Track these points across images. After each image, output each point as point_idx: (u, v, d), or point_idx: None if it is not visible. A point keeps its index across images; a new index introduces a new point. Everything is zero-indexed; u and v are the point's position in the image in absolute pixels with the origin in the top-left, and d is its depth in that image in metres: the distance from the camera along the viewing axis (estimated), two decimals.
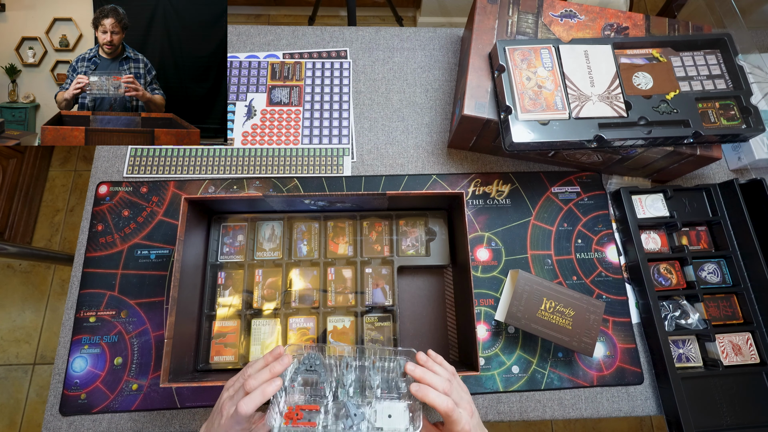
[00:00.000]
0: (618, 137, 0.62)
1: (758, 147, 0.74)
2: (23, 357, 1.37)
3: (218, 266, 0.66)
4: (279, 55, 0.83)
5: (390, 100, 0.81)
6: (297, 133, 0.77)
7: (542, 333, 0.61)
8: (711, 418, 0.62)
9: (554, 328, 0.61)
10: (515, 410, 0.64)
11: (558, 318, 0.61)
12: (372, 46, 0.84)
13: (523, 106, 0.63)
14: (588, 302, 0.62)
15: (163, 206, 0.72)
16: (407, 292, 0.68)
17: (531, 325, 0.62)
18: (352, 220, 0.69)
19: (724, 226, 0.71)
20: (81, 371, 0.63)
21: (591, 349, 0.61)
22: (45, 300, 1.42)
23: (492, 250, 0.71)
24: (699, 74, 0.67)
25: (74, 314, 0.66)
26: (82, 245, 0.69)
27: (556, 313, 0.62)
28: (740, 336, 0.66)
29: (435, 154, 0.77)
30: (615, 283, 0.70)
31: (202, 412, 0.63)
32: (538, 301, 0.62)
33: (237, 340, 0.63)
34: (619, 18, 0.72)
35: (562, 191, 0.75)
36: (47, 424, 0.61)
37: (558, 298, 0.62)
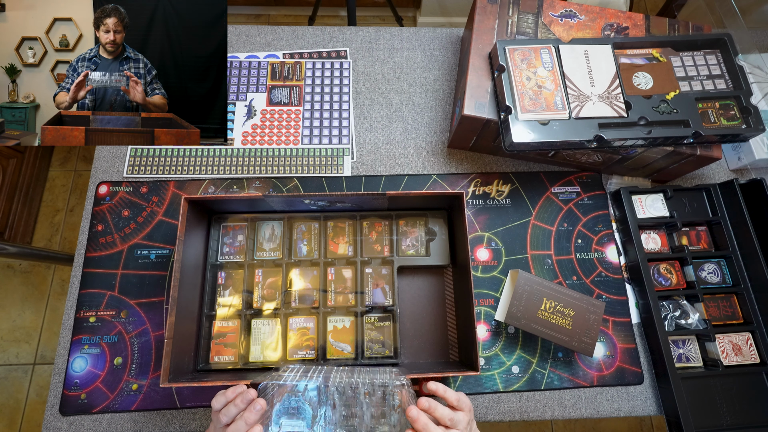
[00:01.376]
0: (618, 137, 0.62)
1: (758, 147, 0.74)
2: (23, 357, 1.37)
3: (218, 266, 0.66)
4: (279, 55, 0.83)
5: (390, 100, 0.81)
6: (297, 133, 0.77)
7: (542, 333, 0.61)
8: (711, 418, 0.62)
9: (554, 328, 0.61)
10: (515, 410, 0.64)
11: (558, 318, 0.61)
12: (372, 46, 0.84)
13: (523, 106, 0.63)
14: (588, 302, 0.62)
15: (163, 206, 0.72)
16: (407, 292, 0.68)
17: (531, 325, 0.61)
18: (352, 220, 0.69)
19: (724, 226, 0.71)
20: (81, 371, 0.63)
21: (591, 349, 0.61)
22: (45, 300, 1.42)
23: (492, 250, 0.71)
24: (699, 74, 0.67)
25: (74, 314, 0.66)
26: (82, 245, 0.69)
27: (556, 313, 0.61)
28: (740, 336, 0.66)
29: (435, 154, 0.77)
30: (615, 283, 0.70)
31: (202, 412, 0.63)
32: (538, 301, 0.62)
33: (237, 340, 0.63)
34: (619, 18, 0.72)
35: (562, 191, 0.75)
36: (47, 424, 0.61)
37: (558, 298, 0.62)
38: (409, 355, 0.65)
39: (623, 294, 0.70)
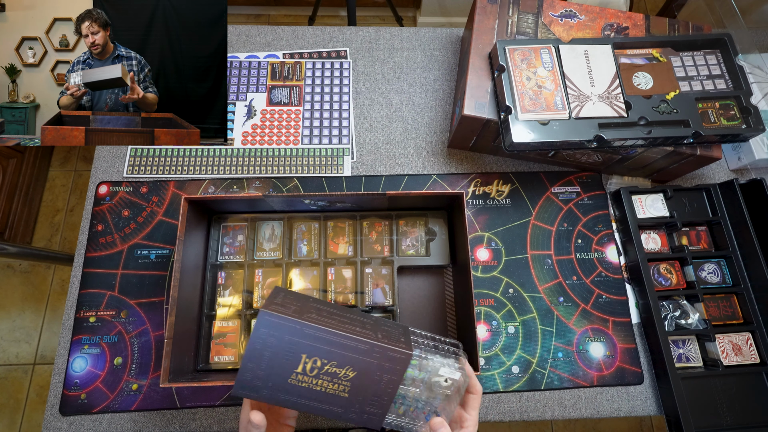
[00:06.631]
0: (618, 137, 0.62)
1: (758, 147, 0.74)
2: (23, 357, 1.37)
3: (218, 266, 0.66)
4: (279, 55, 0.83)
5: (390, 100, 0.81)
6: (297, 133, 0.77)
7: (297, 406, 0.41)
8: (711, 418, 0.62)
9: (321, 397, 0.40)
10: (515, 410, 0.64)
11: (326, 383, 0.40)
12: (372, 46, 0.84)
13: (523, 106, 0.63)
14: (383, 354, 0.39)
15: (163, 206, 0.72)
16: (407, 292, 0.68)
17: (279, 396, 0.40)
18: (352, 220, 0.69)
19: (724, 226, 0.71)
20: (81, 371, 0.63)
21: (379, 420, 0.41)
22: (45, 300, 1.42)
23: (492, 250, 0.71)
24: (699, 74, 0.67)
25: (74, 314, 0.66)
26: (82, 245, 0.69)
27: (324, 377, 0.40)
28: (740, 336, 0.66)
29: (435, 154, 0.77)
30: (615, 283, 0.70)
31: (202, 412, 0.63)
32: (292, 360, 0.39)
33: (237, 340, 0.63)
34: (619, 18, 0.72)
35: (562, 191, 0.75)
36: (47, 424, 0.61)
37: (329, 353, 0.39)
38: None
39: (623, 294, 0.70)
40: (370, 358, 0.39)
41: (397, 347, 0.39)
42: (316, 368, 0.39)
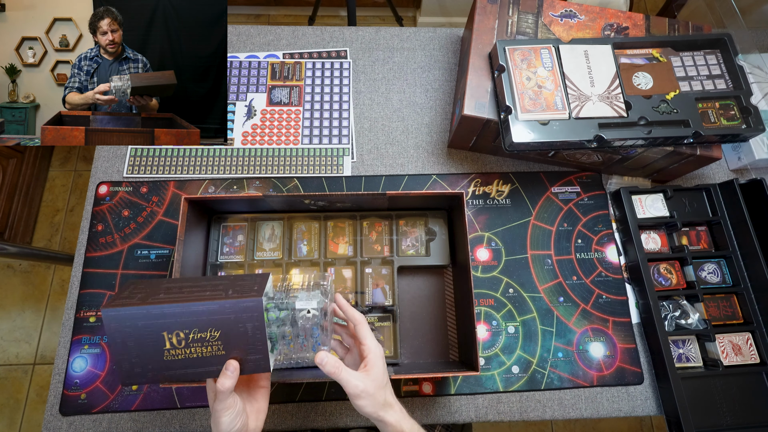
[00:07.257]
0: (618, 137, 0.62)
1: (758, 147, 0.74)
2: (23, 357, 1.37)
3: (218, 266, 0.66)
4: (279, 55, 0.83)
5: (390, 100, 0.81)
6: (297, 133, 0.77)
7: (186, 377, 0.43)
8: (711, 418, 0.62)
9: (200, 363, 0.42)
10: (515, 410, 0.64)
11: (200, 349, 0.42)
12: (372, 46, 0.84)
13: (523, 106, 0.63)
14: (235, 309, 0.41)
15: (163, 206, 0.72)
16: (407, 292, 0.68)
17: (165, 374, 0.42)
18: (352, 220, 0.69)
19: (724, 226, 0.71)
20: (81, 371, 0.63)
21: (266, 362, 0.43)
22: (45, 300, 1.42)
23: (492, 250, 0.71)
24: (699, 74, 0.67)
25: (74, 314, 0.66)
26: (82, 245, 0.69)
27: (194, 344, 0.41)
28: (740, 336, 0.66)
29: (435, 154, 0.77)
30: (615, 283, 0.70)
31: (202, 412, 0.63)
32: (156, 340, 0.41)
33: None
34: (619, 18, 0.72)
35: (562, 191, 0.75)
36: (47, 424, 0.61)
37: (186, 323, 0.41)
38: (409, 355, 0.65)
39: (623, 294, 0.70)
40: (224, 315, 0.41)
41: (247, 297, 0.41)
42: (182, 339, 0.41)
